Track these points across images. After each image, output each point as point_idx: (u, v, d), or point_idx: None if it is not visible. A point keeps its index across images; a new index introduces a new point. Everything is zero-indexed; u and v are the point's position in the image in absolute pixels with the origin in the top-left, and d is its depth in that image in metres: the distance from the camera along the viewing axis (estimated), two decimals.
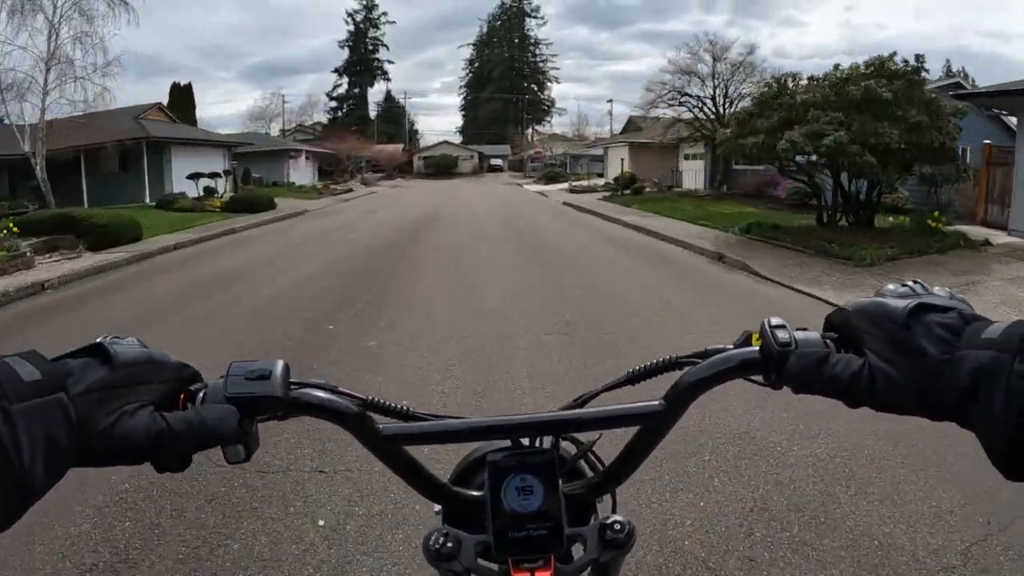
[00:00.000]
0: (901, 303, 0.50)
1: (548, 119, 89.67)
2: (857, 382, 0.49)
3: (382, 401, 0.62)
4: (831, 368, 0.51)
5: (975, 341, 0.45)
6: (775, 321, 0.55)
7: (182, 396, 0.54)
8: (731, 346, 0.59)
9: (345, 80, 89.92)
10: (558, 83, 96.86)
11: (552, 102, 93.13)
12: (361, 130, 77.90)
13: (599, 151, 46.77)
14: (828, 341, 0.54)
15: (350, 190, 35.42)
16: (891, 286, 0.54)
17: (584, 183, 32.85)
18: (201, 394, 0.54)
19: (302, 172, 37.40)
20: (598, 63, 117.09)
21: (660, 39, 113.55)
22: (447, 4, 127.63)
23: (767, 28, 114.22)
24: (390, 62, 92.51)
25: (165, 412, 0.50)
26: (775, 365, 0.53)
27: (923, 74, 11.10)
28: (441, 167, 59.86)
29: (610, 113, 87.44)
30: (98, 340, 0.51)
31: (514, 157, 71.07)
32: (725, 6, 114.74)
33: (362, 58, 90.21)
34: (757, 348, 0.56)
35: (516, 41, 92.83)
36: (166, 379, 0.52)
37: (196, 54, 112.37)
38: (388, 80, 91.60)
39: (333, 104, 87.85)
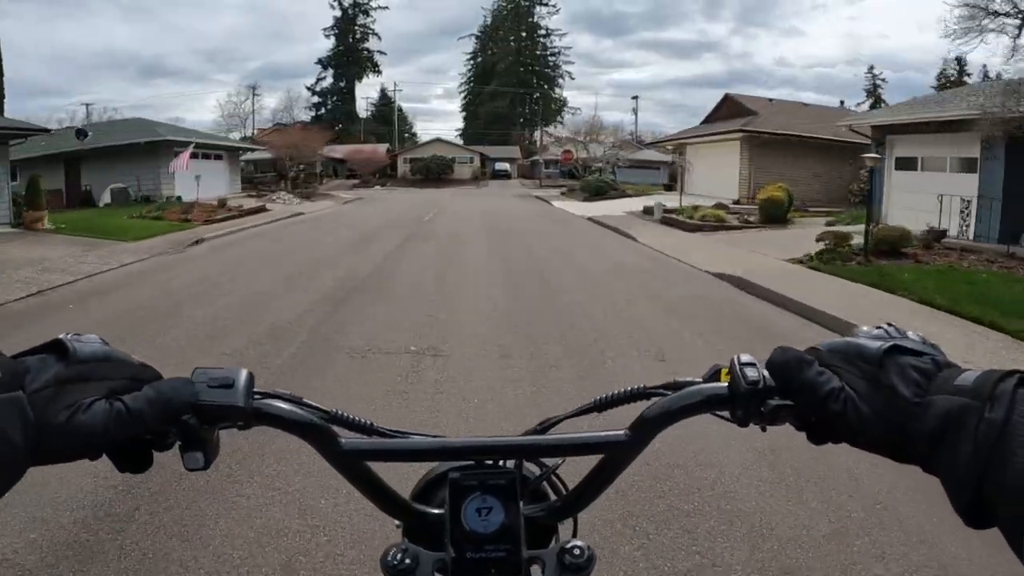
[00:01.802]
0: (875, 343, 0.49)
1: (559, 120, 73.91)
2: (832, 400, 0.47)
3: (346, 415, 0.58)
4: (812, 373, 0.49)
5: (947, 387, 0.44)
6: (745, 359, 0.53)
7: None
8: (700, 379, 0.56)
9: (330, 73, 75.12)
10: (572, 78, 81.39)
11: (564, 101, 77.35)
12: (347, 129, 63.71)
13: (652, 155, 31.49)
14: None
15: (260, 210, 19.82)
16: (864, 328, 0.52)
17: (661, 202, 17.15)
18: None
19: (188, 180, 21.59)
20: (600, 71, 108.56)
21: (662, 47, 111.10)
22: (449, 9, 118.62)
23: (769, 37, 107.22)
24: (382, 53, 77.54)
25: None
26: (743, 402, 0.51)
27: None
28: (432, 171, 44.29)
29: (635, 111, 72.32)
30: (59, 336, 0.47)
31: (524, 161, 55.82)
32: (728, 15, 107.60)
33: (349, 48, 75.75)
34: (726, 384, 0.53)
35: (524, 34, 77.45)
36: (125, 376, 0.48)
37: (198, 57, 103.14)
38: (379, 73, 76.74)
39: (316, 100, 73.26)
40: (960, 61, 60.41)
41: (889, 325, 0.52)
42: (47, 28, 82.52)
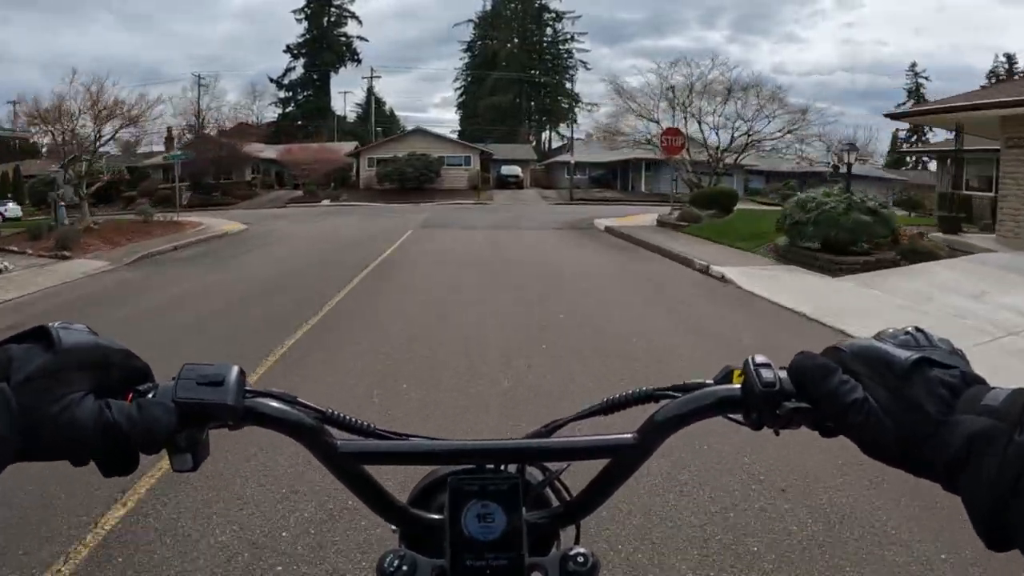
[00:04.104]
0: (903, 353, 0.45)
1: (572, 117, 58.70)
2: (854, 411, 0.45)
3: (342, 415, 0.56)
4: (836, 382, 0.46)
5: (975, 406, 0.42)
6: (759, 359, 0.50)
7: (129, 396, 0.48)
8: (711, 381, 0.54)
9: (300, 63, 62.73)
10: (587, 68, 66.21)
11: (577, 96, 62.28)
12: (319, 128, 53.74)
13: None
14: None
15: None
16: (891, 330, 0.49)
17: None
18: (150, 395, 0.48)
19: None
20: (599, 79, 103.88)
21: (660, 55, 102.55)
22: (448, 17, 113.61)
23: (767, 44, 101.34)
24: (363, 39, 63.15)
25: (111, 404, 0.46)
26: (757, 405, 0.49)
27: None
28: (408, 178, 28.70)
29: (671, 104, 56.64)
30: (44, 324, 0.45)
31: (538, 165, 40.30)
32: (725, 23, 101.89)
33: (323, 32, 61.83)
34: (738, 386, 0.51)
35: (530, 24, 64.44)
36: (112, 366, 0.47)
37: (197, 63, 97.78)
38: (358, 62, 62.47)
39: (283, 94, 59.98)
40: (1010, 58, 51.36)
41: (918, 331, 0.48)
42: (48, 35, 77.93)
